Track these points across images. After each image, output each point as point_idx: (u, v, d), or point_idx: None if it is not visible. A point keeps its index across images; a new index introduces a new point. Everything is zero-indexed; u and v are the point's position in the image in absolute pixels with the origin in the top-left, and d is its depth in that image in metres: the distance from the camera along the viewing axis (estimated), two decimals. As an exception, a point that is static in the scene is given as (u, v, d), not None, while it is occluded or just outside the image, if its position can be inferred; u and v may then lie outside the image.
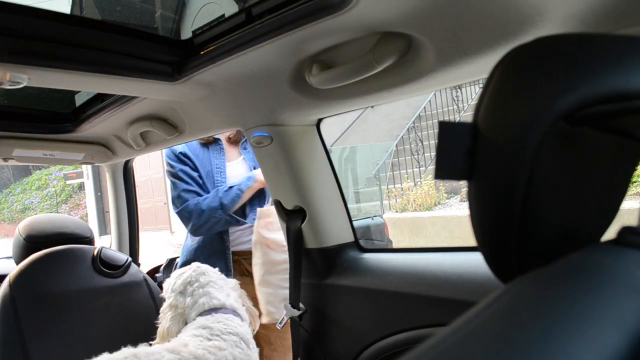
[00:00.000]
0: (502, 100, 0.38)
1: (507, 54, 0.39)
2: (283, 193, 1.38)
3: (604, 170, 0.40)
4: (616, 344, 0.27)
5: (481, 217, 0.40)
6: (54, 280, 1.62)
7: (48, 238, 1.75)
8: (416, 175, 7.59)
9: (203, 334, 1.19)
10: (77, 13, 1.31)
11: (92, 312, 1.64)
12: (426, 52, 0.88)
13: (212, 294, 1.30)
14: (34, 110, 1.61)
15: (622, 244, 0.37)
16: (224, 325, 1.22)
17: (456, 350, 0.27)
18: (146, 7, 1.37)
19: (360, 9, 0.78)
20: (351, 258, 1.36)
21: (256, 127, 1.30)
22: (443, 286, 1.06)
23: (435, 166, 0.39)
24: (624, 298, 0.30)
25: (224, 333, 1.20)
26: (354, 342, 1.27)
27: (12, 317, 1.50)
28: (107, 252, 1.77)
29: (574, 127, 0.34)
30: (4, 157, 1.75)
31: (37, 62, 0.96)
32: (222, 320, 1.24)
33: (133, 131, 1.62)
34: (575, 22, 0.72)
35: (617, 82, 0.33)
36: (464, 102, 8.48)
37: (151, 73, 1.09)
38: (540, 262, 0.36)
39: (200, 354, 1.12)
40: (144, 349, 1.15)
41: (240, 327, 1.25)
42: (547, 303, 0.30)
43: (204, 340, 1.17)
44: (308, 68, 1.03)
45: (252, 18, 0.92)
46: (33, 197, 16.74)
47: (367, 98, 1.07)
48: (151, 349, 1.16)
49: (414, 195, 7.17)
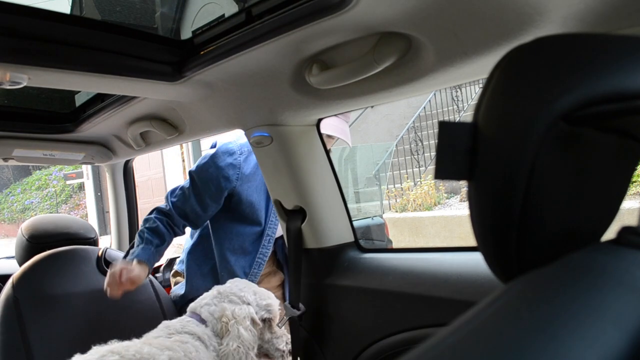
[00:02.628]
0: (502, 100, 0.38)
1: (507, 54, 0.39)
2: (283, 193, 1.38)
3: (604, 170, 0.40)
4: (616, 343, 0.27)
5: (481, 217, 0.40)
6: (57, 281, 1.61)
7: (51, 239, 1.75)
8: (416, 175, 7.59)
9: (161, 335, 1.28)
10: (77, 13, 1.31)
11: (97, 313, 1.63)
12: (426, 52, 0.88)
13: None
14: (34, 110, 1.61)
15: (622, 244, 0.37)
16: (179, 325, 1.30)
17: (456, 350, 0.27)
18: (146, 7, 1.37)
19: (360, 9, 0.78)
20: (351, 258, 1.36)
21: (256, 127, 1.30)
22: (443, 286, 1.06)
23: (435, 166, 0.39)
24: (623, 298, 0.30)
25: (180, 332, 1.27)
26: (353, 342, 1.27)
27: (15, 319, 1.50)
28: (112, 253, 1.77)
29: (574, 127, 0.34)
30: (4, 157, 1.75)
31: (37, 62, 0.96)
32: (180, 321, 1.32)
33: (133, 131, 1.62)
34: (575, 22, 0.72)
35: (617, 82, 0.33)
36: (464, 102, 8.47)
37: (151, 73, 1.09)
38: (540, 262, 0.36)
39: (169, 344, 1.20)
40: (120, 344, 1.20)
41: (197, 327, 1.31)
42: (547, 303, 0.30)
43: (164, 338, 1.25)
44: (308, 68, 1.03)
45: (252, 18, 0.92)
46: (33, 197, 16.73)
47: (367, 98, 1.07)
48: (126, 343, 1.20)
49: (413, 195, 7.17)
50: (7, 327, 1.49)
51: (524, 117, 0.35)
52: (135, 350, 1.13)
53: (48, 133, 1.67)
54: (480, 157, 0.38)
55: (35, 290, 1.57)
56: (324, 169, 1.37)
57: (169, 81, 1.13)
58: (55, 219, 1.89)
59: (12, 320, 1.50)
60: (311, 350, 1.39)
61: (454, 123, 0.39)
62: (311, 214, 1.34)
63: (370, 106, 1.38)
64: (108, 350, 1.15)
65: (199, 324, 1.31)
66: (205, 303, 1.34)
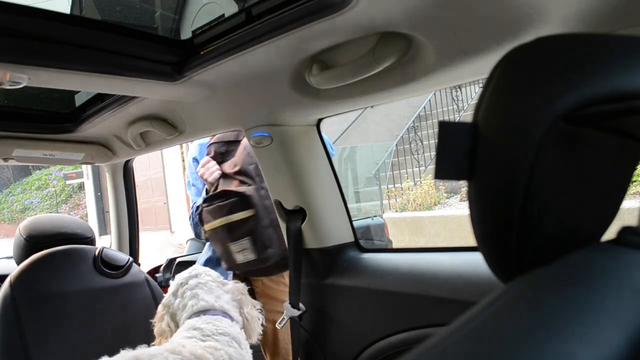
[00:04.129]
0: (502, 100, 0.38)
1: (507, 54, 0.39)
2: (283, 193, 1.38)
3: (604, 170, 0.40)
4: (616, 343, 0.27)
5: (481, 217, 0.40)
6: (55, 280, 1.61)
7: (49, 238, 1.75)
8: (416, 175, 7.59)
9: (195, 335, 1.19)
10: (77, 13, 1.31)
11: (94, 312, 1.63)
12: (426, 52, 0.88)
13: (199, 295, 1.30)
14: (34, 110, 1.61)
15: (622, 244, 0.37)
16: (213, 326, 1.22)
17: (456, 350, 0.27)
18: (146, 7, 1.37)
19: (360, 9, 0.78)
20: (351, 258, 1.36)
21: (256, 127, 1.30)
22: (443, 286, 1.06)
23: (435, 166, 0.39)
24: (623, 298, 0.30)
25: (214, 334, 1.20)
26: (353, 342, 1.27)
27: (13, 318, 1.50)
28: (109, 253, 1.77)
29: (574, 127, 0.34)
30: (4, 157, 1.75)
31: (37, 62, 0.96)
32: (211, 321, 1.24)
33: (133, 131, 1.62)
34: (575, 22, 0.72)
35: (617, 82, 0.33)
36: (464, 102, 8.47)
37: (151, 73, 1.09)
38: (540, 262, 0.36)
39: (200, 353, 1.13)
40: (146, 351, 1.15)
41: (230, 327, 1.25)
42: (547, 303, 0.30)
43: (197, 341, 1.17)
44: (308, 68, 1.03)
45: (252, 18, 0.92)
46: (33, 197, 16.73)
47: (367, 98, 1.07)
48: (152, 351, 1.15)
49: (413, 195, 7.17)
50: (5, 326, 1.49)
51: (524, 117, 0.35)
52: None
53: (48, 133, 1.67)
54: (480, 157, 0.38)
55: (32, 290, 1.57)
56: (324, 169, 1.37)
57: (169, 81, 1.13)
58: (53, 219, 1.89)
59: (10, 319, 1.50)
60: (311, 350, 1.39)
61: (454, 123, 0.39)
62: (311, 214, 1.34)
63: (370, 106, 1.38)
64: (133, 356, 1.12)
65: (233, 324, 1.26)
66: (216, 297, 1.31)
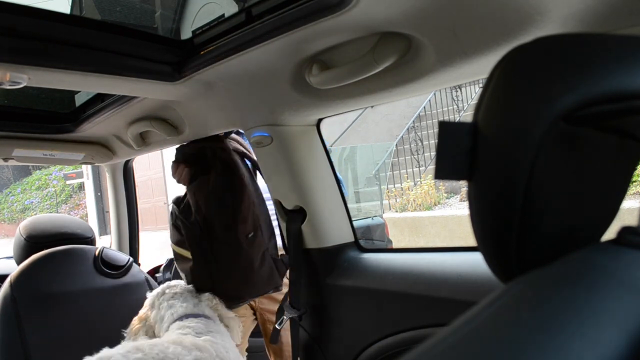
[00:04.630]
0: (502, 100, 0.38)
1: (507, 54, 0.39)
2: (283, 193, 1.38)
3: (603, 170, 0.40)
4: (616, 343, 0.27)
5: (481, 217, 0.40)
6: (55, 280, 1.61)
7: (49, 238, 1.75)
8: (416, 175, 7.59)
9: (190, 332, 1.23)
10: (77, 13, 1.31)
11: (94, 312, 1.64)
12: (426, 52, 0.88)
13: (175, 305, 1.35)
14: (34, 110, 1.61)
15: (622, 244, 0.37)
16: (202, 325, 1.26)
17: (456, 350, 0.27)
18: (146, 7, 1.37)
19: (360, 9, 0.78)
20: (351, 258, 1.36)
21: (256, 127, 1.30)
22: (443, 286, 1.06)
23: (435, 166, 0.39)
24: (623, 298, 0.30)
25: (205, 332, 1.24)
26: (353, 342, 1.27)
27: (13, 318, 1.50)
28: (109, 253, 1.77)
29: (574, 127, 0.34)
30: (4, 157, 1.75)
31: (37, 62, 0.96)
32: (197, 322, 1.28)
33: (133, 131, 1.62)
34: (575, 22, 0.72)
35: (617, 82, 0.33)
36: (464, 102, 8.48)
37: (151, 73, 1.09)
38: (540, 262, 0.36)
39: (201, 344, 1.16)
40: (147, 341, 1.17)
41: (217, 326, 1.28)
42: (547, 303, 0.30)
43: (193, 337, 1.21)
44: (308, 68, 1.03)
45: (252, 18, 0.92)
46: (33, 197, 16.73)
47: (367, 98, 1.07)
48: (154, 341, 1.18)
49: (413, 195, 7.18)
50: (5, 325, 1.49)
51: (524, 117, 0.35)
52: (160, 350, 1.12)
53: (48, 133, 1.67)
54: (480, 157, 0.38)
55: (32, 289, 1.57)
56: (324, 169, 1.37)
57: (169, 81, 1.13)
58: (53, 219, 1.90)
59: (10, 319, 1.50)
60: (311, 350, 1.39)
61: (454, 123, 0.39)
62: (311, 214, 1.34)
63: (370, 106, 1.38)
64: (134, 346, 1.14)
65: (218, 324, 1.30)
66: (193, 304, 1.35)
